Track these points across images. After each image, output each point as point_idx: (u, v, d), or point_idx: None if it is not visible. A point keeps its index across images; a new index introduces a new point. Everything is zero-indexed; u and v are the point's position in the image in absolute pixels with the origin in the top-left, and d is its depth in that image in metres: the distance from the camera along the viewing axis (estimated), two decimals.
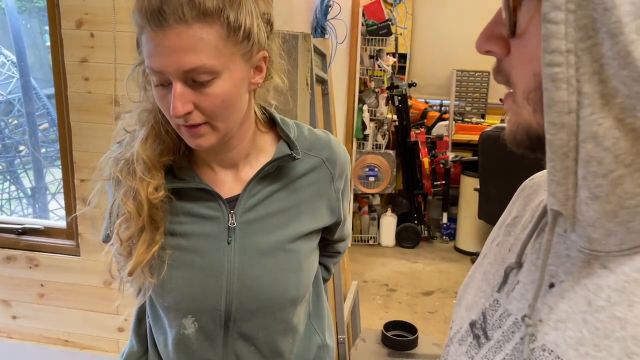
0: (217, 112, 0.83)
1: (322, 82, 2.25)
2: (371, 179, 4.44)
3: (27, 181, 3.12)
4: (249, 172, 0.96)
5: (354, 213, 4.66)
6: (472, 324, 0.54)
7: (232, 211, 0.94)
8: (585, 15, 0.36)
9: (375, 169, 4.43)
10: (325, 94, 2.30)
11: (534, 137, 0.43)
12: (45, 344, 2.14)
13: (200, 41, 0.77)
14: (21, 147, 3.03)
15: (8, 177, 3.10)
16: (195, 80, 0.79)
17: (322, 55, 2.23)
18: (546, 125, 0.39)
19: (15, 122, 2.99)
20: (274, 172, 0.95)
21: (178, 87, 0.79)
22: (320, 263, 1.16)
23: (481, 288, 0.57)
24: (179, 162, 0.94)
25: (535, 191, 0.60)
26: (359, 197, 4.69)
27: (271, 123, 1.00)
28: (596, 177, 0.38)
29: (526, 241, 0.51)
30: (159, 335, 1.01)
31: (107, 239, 0.99)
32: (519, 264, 0.51)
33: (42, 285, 2.09)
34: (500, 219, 0.63)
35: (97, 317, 2.05)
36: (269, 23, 0.89)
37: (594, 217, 0.40)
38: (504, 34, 0.44)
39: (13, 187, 3.11)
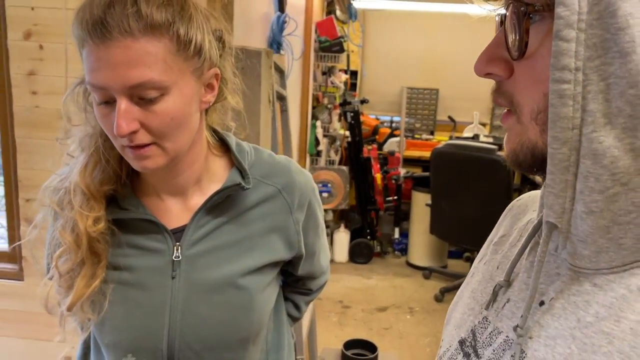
0: (165, 132, 0.78)
1: (281, 98, 2.22)
2: (324, 194, 4.43)
3: None
4: (198, 199, 0.90)
5: None
6: (462, 342, 0.54)
7: (177, 243, 0.88)
8: (596, 34, 0.37)
9: (329, 185, 4.42)
10: (284, 111, 2.28)
11: (539, 157, 0.44)
12: None
13: (148, 55, 0.73)
14: None
15: None
16: (141, 97, 0.74)
17: (280, 72, 2.21)
18: (549, 140, 0.40)
19: None
20: (225, 202, 0.90)
21: (123, 103, 0.73)
22: (288, 299, 1.11)
23: (469, 306, 0.57)
24: (121, 191, 0.88)
25: (523, 211, 0.61)
26: None
27: (225, 146, 0.94)
28: (593, 192, 0.39)
29: (516, 259, 0.52)
30: None
31: (48, 270, 0.92)
32: (507, 282, 0.52)
33: None
34: (488, 238, 0.64)
35: (42, 345, 1.91)
36: (220, 40, 0.86)
37: (587, 231, 0.41)
38: (505, 56, 0.45)
39: None
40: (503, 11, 0.48)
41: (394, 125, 5.48)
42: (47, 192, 0.87)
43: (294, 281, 1.09)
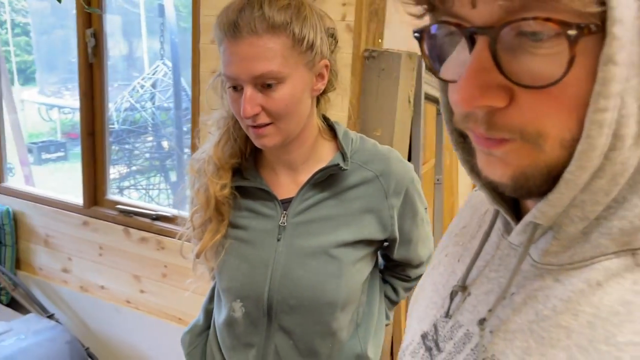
0: (281, 114, 0.92)
1: (437, 101, 2.26)
2: None
3: (174, 176, 3.56)
4: (306, 176, 1.03)
5: None
6: (424, 336, 0.54)
7: (285, 212, 1.02)
8: (636, 51, 0.32)
9: None
10: (440, 114, 2.30)
11: (553, 178, 0.39)
12: (163, 319, 2.42)
13: (269, 50, 0.88)
14: (166, 145, 3.47)
15: (160, 172, 3.57)
16: (263, 84, 0.89)
17: None
18: (573, 168, 0.36)
19: (170, 128, 3.44)
20: (327, 180, 1.01)
21: (248, 90, 0.89)
22: (387, 281, 1.20)
23: (432, 299, 0.56)
24: (245, 164, 1.05)
25: (481, 201, 0.58)
26: None
27: (334, 133, 1.06)
28: (597, 204, 0.39)
29: (476, 254, 0.51)
30: (217, 313, 1.13)
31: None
32: (466, 278, 0.51)
33: (165, 266, 2.36)
34: (449, 228, 0.63)
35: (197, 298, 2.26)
36: (333, 37, 0.99)
37: (574, 232, 0.41)
38: (500, 81, 0.36)
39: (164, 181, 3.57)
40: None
41: None
42: (192, 162, 1.08)
43: (393, 266, 1.18)
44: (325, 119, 1.07)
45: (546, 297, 0.41)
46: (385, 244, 1.11)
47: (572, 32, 0.32)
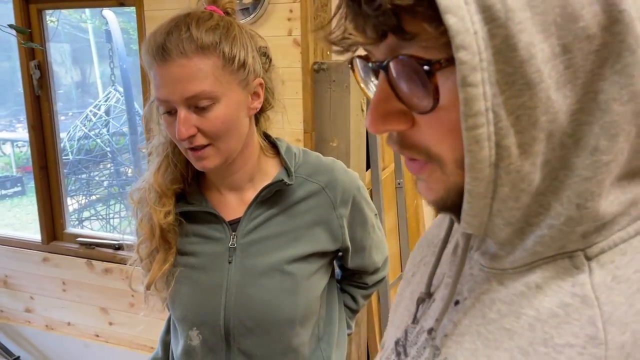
0: (218, 134, 0.90)
1: None
2: None
3: None
4: (252, 194, 1.01)
5: None
6: (397, 342, 0.56)
7: (233, 233, 1.00)
8: (497, 70, 0.35)
9: None
10: None
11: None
12: (135, 350, 2.37)
13: (200, 71, 0.86)
14: (129, 171, 3.41)
15: (120, 199, 3.50)
16: (197, 105, 0.87)
17: None
18: (468, 179, 0.39)
19: (127, 154, 3.38)
20: (274, 197, 1.00)
21: (182, 112, 0.87)
22: (345, 291, 1.19)
23: (408, 307, 0.58)
24: (189, 189, 1.02)
25: None
26: None
27: (277, 149, 1.05)
28: (512, 210, 0.40)
29: (436, 263, 0.53)
30: (174, 344, 1.10)
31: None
32: (429, 286, 0.53)
33: (132, 295, 2.31)
34: (429, 237, 0.64)
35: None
36: (266, 56, 0.98)
37: (506, 237, 0.42)
38: (399, 108, 0.41)
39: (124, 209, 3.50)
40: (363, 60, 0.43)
41: None
42: (132, 192, 1.04)
43: (350, 275, 1.18)
44: (267, 137, 1.07)
45: (491, 300, 0.43)
46: (340, 254, 1.11)
47: (426, 67, 0.37)
